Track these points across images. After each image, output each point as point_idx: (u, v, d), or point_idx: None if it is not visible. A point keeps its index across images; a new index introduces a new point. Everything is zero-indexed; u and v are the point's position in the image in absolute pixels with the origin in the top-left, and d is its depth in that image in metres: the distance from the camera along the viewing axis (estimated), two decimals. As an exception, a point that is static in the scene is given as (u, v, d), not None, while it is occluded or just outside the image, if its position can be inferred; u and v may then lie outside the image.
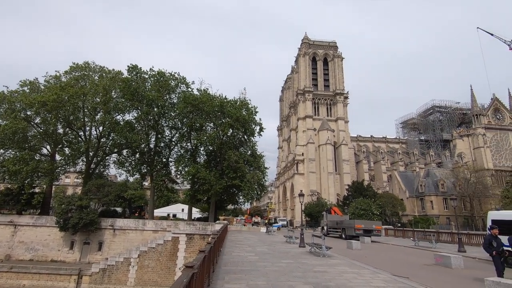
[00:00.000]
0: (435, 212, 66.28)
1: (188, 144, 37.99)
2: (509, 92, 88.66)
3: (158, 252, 28.43)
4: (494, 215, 15.42)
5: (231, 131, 34.93)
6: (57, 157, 38.13)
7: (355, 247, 20.04)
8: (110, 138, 38.70)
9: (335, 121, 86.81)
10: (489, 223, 14.53)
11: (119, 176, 42.99)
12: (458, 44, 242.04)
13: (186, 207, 45.93)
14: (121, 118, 38.22)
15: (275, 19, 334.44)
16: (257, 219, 68.42)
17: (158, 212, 50.04)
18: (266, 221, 68.49)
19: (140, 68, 36.02)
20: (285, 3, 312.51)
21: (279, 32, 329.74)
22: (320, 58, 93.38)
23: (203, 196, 36.58)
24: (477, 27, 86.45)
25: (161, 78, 35.99)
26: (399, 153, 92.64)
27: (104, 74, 38.09)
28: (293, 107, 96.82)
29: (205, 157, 39.21)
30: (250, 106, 36.02)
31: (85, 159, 38.13)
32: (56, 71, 37.38)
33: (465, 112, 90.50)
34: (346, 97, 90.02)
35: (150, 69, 36.34)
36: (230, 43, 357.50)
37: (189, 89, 37.64)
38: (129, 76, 35.31)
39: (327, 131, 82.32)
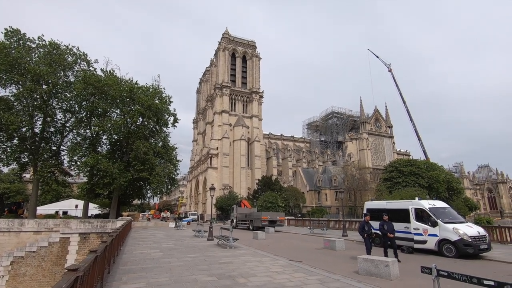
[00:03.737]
0: (328, 203, 76.82)
1: (87, 131, 33.18)
2: (386, 106, 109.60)
3: (41, 256, 23.99)
4: (368, 204, 18.79)
5: (141, 119, 32.17)
6: None
7: (260, 237, 21.41)
8: (-25, 117, 30.37)
9: (250, 118, 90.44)
10: (364, 212, 17.69)
11: (-13, 166, 34.25)
12: (359, 60, 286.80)
13: (81, 203, 40.24)
14: (-8, 93, 30.39)
15: (194, 9, 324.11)
16: (166, 214, 65.50)
17: (43, 209, 42.54)
18: (176, 215, 66.25)
19: (24, 34, 29.31)
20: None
21: (199, 23, 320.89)
22: (239, 55, 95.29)
23: (104, 191, 32.75)
24: (368, 49, 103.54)
25: (54, 51, 30.18)
26: (304, 151, 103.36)
27: (-33, 35, 29.47)
28: (210, 100, 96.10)
29: (108, 146, 35.10)
30: (164, 95, 33.93)
31: None
32: None
33: (355, 119, 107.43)
34: (261, 96, 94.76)
35: (39, 37, 29.99)
36: (146, 26, 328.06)
37: (91, 68, 32.86)
38: (7, 42, 28.30)
39: (242, 127, 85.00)
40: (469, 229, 13.26)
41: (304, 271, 9.29)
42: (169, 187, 38.89)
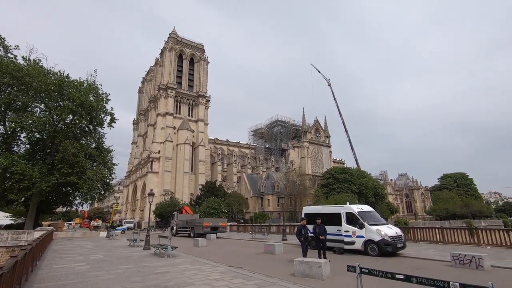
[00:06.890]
0: (270, 208, 78.92)
1: (1, 127, 28.53)
2: (325, 118, 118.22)
3: None
4: (306, 209, 19.87)
5: (71, 117, 28.94)
6: None
7: (201, 244, 20.91)
8: None
9: (196, 122, 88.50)
10: (302, 216, 18.64)
11: None
12: (304, 74, 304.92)
13: (-13, 211, 34.17)
14: None
15: (141, 3, 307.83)
16: (97, 222, 59.56)
17: None
18: (110, 224, 60.63)
19: None
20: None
21: (146, 20, 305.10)
22: (186, 57, 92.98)
23: (19, 197, 28.26)
24: (311, 63, 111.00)
25: (-40, 30, 25.44)
26: (249, 157, 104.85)
27: None
28: (154, 101, 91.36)
29: (27, 146, 30.65)
30: (100, 92, 31.14)
31: None
32: None
33: (298, 128, 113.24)
34: (208, 100, 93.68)
35: None
36: (81, 15, 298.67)
37: (10, 55, 28.51)
38: None
39: (187, 130, 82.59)
40: (389, 230, 14.98)
41: (243, 276, 9.35)
42: (103, 192, 35.59)
